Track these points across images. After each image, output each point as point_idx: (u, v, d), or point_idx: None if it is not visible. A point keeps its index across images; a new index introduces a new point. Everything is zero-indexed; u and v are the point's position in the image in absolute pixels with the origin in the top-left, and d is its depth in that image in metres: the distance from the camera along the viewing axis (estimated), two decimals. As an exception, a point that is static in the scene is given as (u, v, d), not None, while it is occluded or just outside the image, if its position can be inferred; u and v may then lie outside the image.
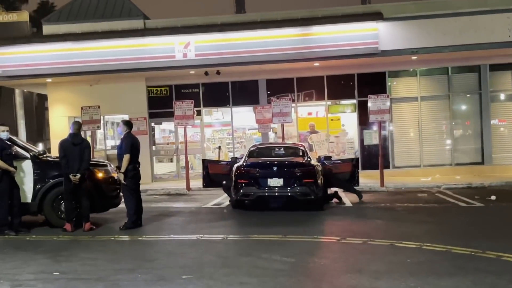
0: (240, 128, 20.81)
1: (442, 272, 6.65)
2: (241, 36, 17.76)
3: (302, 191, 11.74)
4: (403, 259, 7.31)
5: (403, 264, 7.05)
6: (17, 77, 18.72)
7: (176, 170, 20.34)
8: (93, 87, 19.41)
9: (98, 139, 20.45)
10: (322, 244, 8.71)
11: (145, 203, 10.88)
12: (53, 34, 18.75)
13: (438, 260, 7.28)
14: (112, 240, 9.32)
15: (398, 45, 17.42)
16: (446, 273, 6.60)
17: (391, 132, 19.24)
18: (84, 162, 10.02)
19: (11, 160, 9.74)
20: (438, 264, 7.03)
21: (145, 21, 18.95)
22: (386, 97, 16.53)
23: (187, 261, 7.49)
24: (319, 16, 17.90)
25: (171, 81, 19.61)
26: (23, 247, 8.82)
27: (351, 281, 6.34)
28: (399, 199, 13.92)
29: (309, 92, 19.59)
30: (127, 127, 10.46)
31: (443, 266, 6.92)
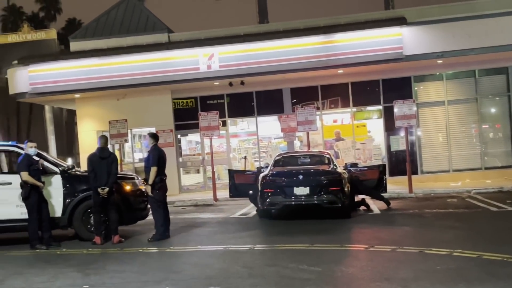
0: (266, 137, 20.83)
1: (472, 279, 6.52)
2: (264, 46, 17.82)
3: (328, 199, 11.65)
4: (432, 266, 7.18)
5: (433, 272, 6.93)
6: (47, 93, 19.16)
7: (203, 181, 20.45)
8: (120, 101, 19.72)
9: (126, 152, 20.72)
10: (350, 253, 8.61)
11: (173, 214, 10.96)
12: (80, 51, 19.19)
13: (469, 266, 7.14)
14: (141, 252, 9.41)
15: (423, 50, 17.24)
16: (477, 279, 6.47)
17: (418, 137, 19.00)
18: (112, 176, 10.15)
19: (39, 176, 9.94)
20: (468, 271, 6.89)
21: (169, 34, 19.24)
22: (412, 102, 16.35)
23: (213, 272, 7.50)
24: (341, 23, 17.89)
25: (196, 93, 19.78)
26: (53, 260, 8.97)
27: (379, 290, 6.27)
28: (428, 205, 13.70)
29: (334, 99, 19.51)
30: (154, 139, 10.58)
31: (474, 273, 6.78)
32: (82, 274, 7.79)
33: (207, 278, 7.14)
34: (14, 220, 10.20)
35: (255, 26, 19.76)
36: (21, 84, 19.37)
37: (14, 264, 8.80)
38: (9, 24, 44.24)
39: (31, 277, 7.73)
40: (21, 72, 19.23)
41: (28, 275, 7.85)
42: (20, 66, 19.31)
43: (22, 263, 8.90)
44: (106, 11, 20.79)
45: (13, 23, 43.82)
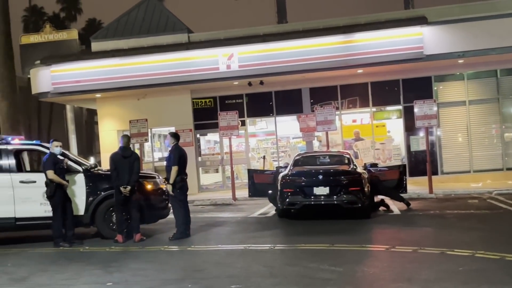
0: (284, 137, 20.83)
1: (495, 280, 6.47)
2: (283, 45, 17.84)
3: (348, 199, 11.64)
4: (454, 268, 7.15)
5: (455, 273, 6.89)
6: (68, 93, 19.42)
7: (222, 181, 20.54)
8: (140, 101, 19.90)
9: (146, 151, 20.89)
10: (370, 253, 8.60)
11: (192, 214, 11.02)
12: (101, 51, 19.39)
13: (492, 268, 7.09)
14: (162, 250, 9.50)
15: (443, 49, 17.12)
16: (500, 281, 6.42)
17: (438, 138, 18.86)
18: (134, 175, 10.26)
19: (63, 174, 10.10)
20: (491, 273, 6.84)
21: (189, 34, 19.35)
22: (433, 102, 16.25)
23: (234, 271, 7.55)
24: (361, 22, 17.83)
25: (215, 92, 19.87)
26: (76, 258, 9.11)
27: (401, 291, 6.26)
28: (449, 206, 13.60)
29: (353, 99, 19.45)
30: (175, 139, 10.66)
31: (496, 275, 6.73)
32: (105, 272, 7.90)
33: (229, 277, 7.19)
34: (38, 218, 10.38)
35: (274, 26, 19.78)
36: (43, 84, 19.66)
37: (38, 261, 8.95)
38: (30, 24, 44.86)
39: (55, 274, 7.87)
40: (44, 72, 19.52)
41: (52, 272, 7.99)
42: (42, 66, 19.59)
43: (46, 260, 9.05)
44: (127, 11, 20.98)
45: (35, 23, 44.44)
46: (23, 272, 8.09)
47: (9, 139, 10.98)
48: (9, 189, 10.36)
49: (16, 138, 11.33)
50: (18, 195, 10.37)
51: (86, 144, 45.42)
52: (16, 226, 10.48)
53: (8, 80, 19.94)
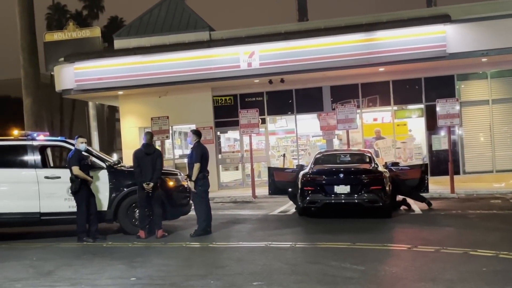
0: (304, 135, 20.81)
1: (520, 282, 6.41)
2: (305, 43, 17.83)
3: (369, 198, 11.60)
4: (478, 268, 7.09)
5: (479, 273, 6.84)
6: (91, 90, 19.66)
7: (242, 178, 20.61)
8: (161, 98, 20.06)
9: (167, 148, 21.04)
10: (392, 252, 8.58)
11: (213, 211, 11.08)
12: (123, 48, 19.59)
13: (516, 269, 7.02)
14: (184, 246, 9.59)
15: (467, 47, 16.94)
16: (525, 283, 6.36)
17: (461, 137, 18.67)
18: (156, 171, 10.36)
19: (88, 170, 10.25)
20: (516, 274, 6.78)
21: (210, 32, 19.44)
22: (456, 101, 16.10)
23: (256, 268, 7.59)
24: (383, 20, 17.73)
25: (236, 90, 19.94)
26: (100, 253, 9.24)
27: (424, 290, 6.24)
28: (471, 206, 13.47)
29: (374, 97, 19.36)
30: (197, 136, 10.73)
31: (521, 276, 6.67)
32: (128, 267, 8.00)
33: (251, 274, 7.23)
34: (62, 213, 10.54)
35: (295, 24, 19.76)
36: (67, 81, 19.93)
37: (63, 256, 9.10)
38: (53, 22, 45.45)
39: (80, 268, 7.99)
40: (67, 69, 19.78)
41: (77, 267, 8.12)
42: (66, 63, 19.87)
43: (71, 255, 9.19)
44: (149, 9, 21.14)
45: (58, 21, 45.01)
46: (48, 266, 8.24)
47: (35, 135, 11.16)
48: (34, 184, 10.54)
49: (41, 134, 11.52)
50: (43, 190, 10.55)
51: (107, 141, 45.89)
52: (41, 221, 10.67)
53: (32, 77, 20.24)
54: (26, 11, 20.26)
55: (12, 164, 10.82)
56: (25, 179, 10.58)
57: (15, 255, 9.22)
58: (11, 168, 10.75)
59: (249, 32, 19.00)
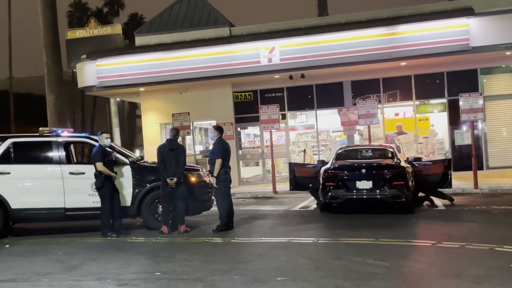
0: (324, 130, 20.73)
1: (548, 278, 6.32)
2: (325, 38, 17.73)
3: (392, 193, 11.52)
4: (504, 264, 7.00)
5: (505, 269, 6.76)
6: (113, 87, 19.83)
7: (262, 174, 20.62)
8: (182, 94, 20.16)
9: (187, 144, 21.15)
10: (416, 248, 8.51)
11: (234, 206, 11.09)
12: (144, 45, 19.72)
13: (543, 265, 6.92)
14: (206, 242, 9.64)
15: (490, 41, 16.68)
16: (553, 279, 6.27)
17: (484, 132, 18.42)
18: (179, 167, 10.42)
19: (111, 166, 10.36)
20: (543, 270, 6.68)
21: (230, 28, 19.45)
22: (479, 95, 15.87)
23: (279, 264, 7.60)
24: (405, 14, 17.56)
25: (256, 86, 19.93)
26: (124, 248, 9.34)
27: (450, 286, 6.17)
28: (495, 201, 13.29)
29: (396, 92, 19.20)
30: (218, 132, 10.78)
31: (549, 272, 6.57)
32: (152, 261, 8.10)
33: (274, 269, 7.25)
34: (86, 209, 10.67)
35: (316, 19, 19.70)
36: (89, 78, 20.14)
37: (88, 251, 9.22)
38: (75, 20, 45.91)
39: (105, 263, 8.09)
40: (89, 66, 19.99)
41: (102, 261, 8.22)
42: (88, 60, 20.07)
43: (95, 250, 9.31)
44: (170, 6, 21.24)
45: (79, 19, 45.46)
46: (74, 260, 8.36)
47: (59, 132, 11.31)
48: (59, 180, 10.70)
49: (65, 131, 11.68)
50: (67, 186, 10.69)
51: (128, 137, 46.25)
52: (66, 216, 10.81)
53: (55, 74, 20.47)
54: (48, 9, 20.49)
55: (37, 160, 11.00)
56: (50, 175, 10.74)
57: (42, 250, 9.37)
58: (37, 164, 10.92)
59: (269, 27, 18.97)
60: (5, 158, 10.79)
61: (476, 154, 16.61)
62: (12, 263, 8.37)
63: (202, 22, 20.01)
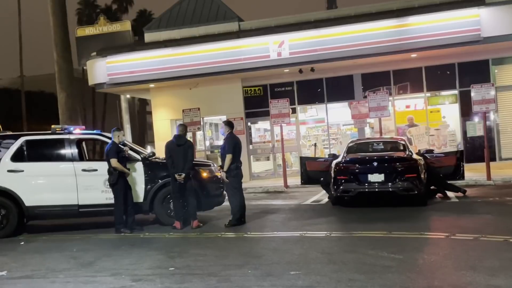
0: (334, 124, 20.68)
1: None
2: (335, 31, 17.67)
3: (404, 186, 11.48)
4: (519, 256, 6.97)
5: (520, 261, 6.73)
6: (123, 83, 19.91)
7: (273, 168, 20.64)
8: (192, 90, 20.19)
9: (198, 140, 21.20)
10: (430, 241, 8.48)
11: (246, 201, 11.11)
12: (154, 41, 19.78)
13: (559, 257, 6.87)
14: (219, 237, 9.67)
15: (502, 31, 16.55)
16: None
17: (496, 123, 18.28)
18: (187, 162, 10.45)
19: (125, 163, 10.43)
20: (559, 261, 6.63)
21: (239, 23, 19.44)
22: (491, 86, 15.73)
23: (293, 258, 7.61)
24: (415, 5, 17.47)
25: (265, 80, 19.92)
26: (138, 244, 9.40)
27: (466, 278, 6.14)
28: (509, 193, 13.19)
29: (407, 84, 19.11)
30: (229, 127, 10.79)
31: None
32: (166, 257, 8.13)
33: (288, 263, 7.26)
34: (100, 205, 10.75)
35: (325, 12, 19.63)
36: (99, 75, 20.24)
37: (102, 247, 9.29)
38: (84, 17, 46.11)
39: (119, 259, 8.15)
40: (100, 63, 20.08)
41: (116, 257, 8.28)
42: (98, 57, 20.17)
43: (109, 246, 9.37)
44: (178, 1, 21.25)
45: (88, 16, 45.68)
46: (89, 257, 8.43)
47: (71, 129, 11.38)
48: (72, 177, 10.77)
49: (77, 128, 11.75)
50: (80, 183, 10.77)
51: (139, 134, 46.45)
52: (79, 213, 10.91)
53: (66, 72, 20.60)
54: (58, 7, 20.59)
55: (50, 157, 11.09)
56: (63, 172, 10.83)
57: (56, 247, 9.46)
58: (50, 161, 11.01)
59: (278, 21, 18.93)
60: (19, 156, 10.88)
61: (489, 145, 16.51)
62: (28, 260, 8.46)
63: (211, 18, 20.01)
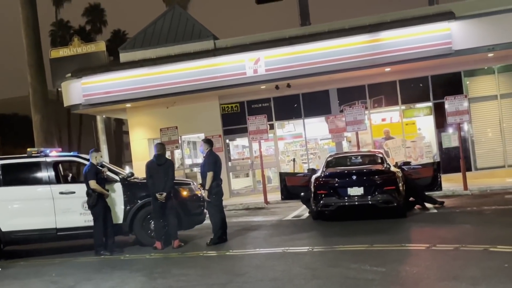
0: (312, 139, 20.78)
1: (544, 276, 6.37)
2: (310, 47, 17.84)
3: (383, 199, 11.56)
4: (500, 264, 7.05)
5: (501, 270, 6.80)
6: (99, 104, 19.73)
7: (253, 185, 20.61)
8: (169, 109, 20.12)
9: (177, 158, 21.08)
10: (411, 252, 8.54)
11: (227, 218, 11.05)
12: (129, 61, 19.69)
13: (538, 263, 6.98)
14: (201, 256, 9.59)
15: (472, 44, 16.91)
16: (549, 277, 6.32)
17: (470, 133, 18.60)
18: (168, 181, 10.39)
19: (104, 184, 10.31)
20: (538, 268, 6.73)
21: (215, 41, 19.51)
22: (464, 98, 16.05)
23: (277, 274, 7.58)
24: (387, 20, 17.75)
25: (243, 97, 19.97)
26: (119, 266, 9.26)
27: (448, 289, 6.21)
28: (486, 202, 13.40)
29: (382, 98, 19.34)
30: (209, 145, 10.78)
31: (544, 270, 6.63)
32: (148, 278, 8.03)
33: (272, 280, 7.23)
34: (78, 228, 10.60)
35: (299, 29, 19.78)
36: (75, 96, 20.03)
37: (82, 270, 9.13)
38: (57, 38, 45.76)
39: (101, 282, 8.01)
40: (75, 84, 19.90)
41: (97, 280, 8.14)
42: (73, 78, 19.97)
43: (89, 269, 9.22)
44: (153, 21, 21.25)
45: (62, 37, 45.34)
46: (69, 281, 8.27)
47: (48, 152, 11.23)
48: (49, 200, 10.61)
49: (54, 151, 11.59)
50: (58, 206, 10.61)
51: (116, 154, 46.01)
52: (58, 236, 10.72)
53: (40, 94, 20.41)
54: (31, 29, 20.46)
55: (27, 181, 10.90)
56: (40, 195, 10.65)
57: (35, 272, 9.26)
58: (26, 185, 10.82)
59: (254, 39, 19.05)
60: (-6, 181, 10.66)
61: (464, 155, 16.77)
62: (7, 287, 8.25)
63: (186, 36, 20.04)
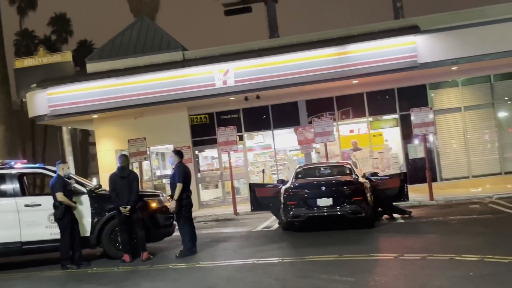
0: (281, 150, 20.85)
1: (508, 284, 6.53)
2: (278, 59, 17.97)
3: (352, 209, 11.68)
4: (465, 273, 7.19)
5: (467, 278, 6.94)
6: (65, 115, 19.39)
7: (222, 196, 20.54)
8: (137, 120, 19.91)
9: (145, 170, 20.85)
10: (380, 262, 8.64)
11: (196, 230, 10.96)
12: (97, 72, 19.44)
13: (503, 272, 7.14)
14: (170, 268, 9.49)
15: (437, 57, 17.31)
16: (513, 284, 6.47)
17: (435, 145, 18.98)
18: (132, 194, 10.25)
19: (71, 196, 10.11)
20: (503, 276, 6.89)
21: (184, 52, 19.46)
22: (429, 110, 16.40)
23: (247, 286, 7.56)
24: (355, 34, 18.03)
25: (212, 108, 19.93)
26: (86, 279, 9.08)
27: (417, 298, 6.29)
28: (452, 212, 13.68)
29: (349, 109, 19.58)
30: (178, 156, 10.72)
31: (508, 278, 6.78)
32: (117, 292, 7.89)
33: (242, 292, 7.20)
34: (44, 241, 10.36)
35: (268, 41, 19.93)
36: (40, 107, 19.66)
37: (48, 285, 8.94)
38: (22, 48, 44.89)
39: (67, 296, 7.85)
40: (40, 95, 19.53)
41: (63, 295, 7.97)
42: (38, 89, 19.59)
43: (55, 283, 9.04)
44: (121, 32, 21.06)
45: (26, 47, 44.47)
46: (34, 296, 8.07)
47: (12, 164, 10.97)
48: (14, 213, 10.35)
49: (19, 162, 11.34)
50: (23, 219, 10.36)
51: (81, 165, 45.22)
52: (23, 250, 10.47)
53: (4, 104, 19.98)
54: (-5, 38, 20.01)
55: (-10, 193, 10.60)
56: (4, 208, 10.38)
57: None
58: (-10, 198, 10.53)
59: (223, 50, 19.10)
60: (-44, 194, 10.35)
61: (430, 166, 17.09)
62: (-33, 303, 8.01)
63: (155, 47, 19.94)
